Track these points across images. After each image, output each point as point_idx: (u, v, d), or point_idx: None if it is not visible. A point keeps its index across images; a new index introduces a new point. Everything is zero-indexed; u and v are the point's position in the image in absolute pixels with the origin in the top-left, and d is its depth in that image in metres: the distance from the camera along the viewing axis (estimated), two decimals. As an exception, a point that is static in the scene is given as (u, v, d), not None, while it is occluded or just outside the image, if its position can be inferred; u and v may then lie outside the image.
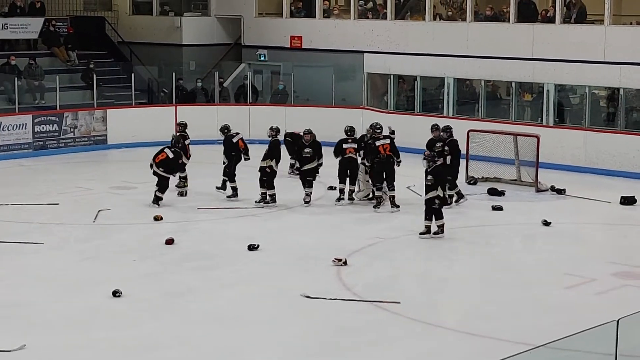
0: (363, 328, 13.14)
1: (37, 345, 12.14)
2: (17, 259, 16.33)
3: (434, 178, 17.72)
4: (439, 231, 17.87)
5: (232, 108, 29.41)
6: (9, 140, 26.12)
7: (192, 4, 33.59)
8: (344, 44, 29.81)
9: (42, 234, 17.84)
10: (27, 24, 30.73)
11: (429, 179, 17.75)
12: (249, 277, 15.49)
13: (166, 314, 13.58)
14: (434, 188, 17.70)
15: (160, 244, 17.18)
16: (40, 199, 20.73)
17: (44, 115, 27.04)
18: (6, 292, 14.42)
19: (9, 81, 27.61)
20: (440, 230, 17.87)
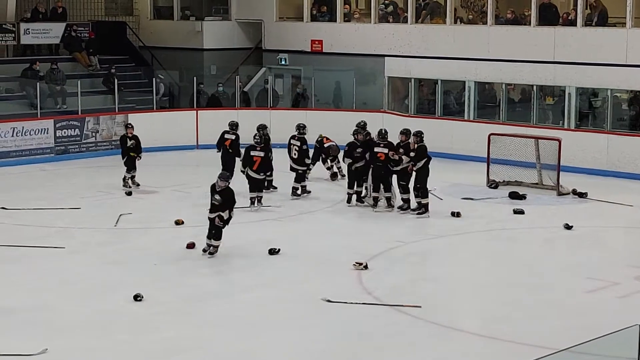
0: (383, 332, 13.12)
1: (59, 349, 12.18)
2: (38, 263, 16.39)
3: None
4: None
5: (252, 112, 29.43)
6: (31, 144, 26.24)
7: (213, 8, 33.65)
8: (365, 47, 29.80)
9: (63, 238, 17.90)
10: (49, 29, 30.88)
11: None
12: (270, 281, 15.49)
13: (186, 318, 13.60)
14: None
15: (181, 248, 17.21)
16: (61, 203, 20.82)
17: (65, 120, 27.15)
18: (28, 296, 14.47)
19: (31, 86, 27.73)
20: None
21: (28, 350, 12.03)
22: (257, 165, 20.59)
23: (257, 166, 20.60)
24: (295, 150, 21.69)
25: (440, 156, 26.08)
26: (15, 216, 19.69)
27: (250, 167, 20.60)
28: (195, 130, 28.81)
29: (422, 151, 19.97)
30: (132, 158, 22.24)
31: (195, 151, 28.50)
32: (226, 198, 16.28)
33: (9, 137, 25.89)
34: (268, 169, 21.12)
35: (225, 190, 16.31)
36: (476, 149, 25.08)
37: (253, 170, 20.57)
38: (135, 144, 22.21)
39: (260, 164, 20.63)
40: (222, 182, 16.40)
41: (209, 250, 16.48)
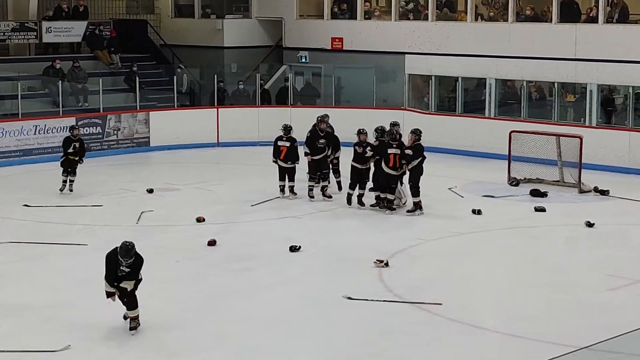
0: (404, 329, 13.13)
1: (81, 346, 12.24)
2: (61, 260, 16.48)
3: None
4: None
5: (273, 110, 29.49)
6: (53, 142, 26.32)
7: (233, 6, 33.69)
8: (385, 45, 29.79)
9: (85, 236, 17.99)
10: (71, 28, 31.00)
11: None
12: (291, 278, 15.53)
13: (208, 315, 13.65)
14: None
15: (202, 245, 17.27)
16: (83, 201, 20.92)
17: (87, 117, 27.26)
18: (51, 293, 14.56)
19: (53, 84, 27.87)
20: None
21: (51, 346, 12.11)
22: (283, 155, 21.13)
23: (283, 155, 21.13)
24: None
25: (461, 154, 26.09)
26: (38, 213, 19.80)
27: (279, 157, 21.17)
28: (215, 128, 28.88)
29: (419, 150, 19.92)
30: (72, 161, 21.69)
31: (216, 149, 28.57)
32: (133, 269, 12.88)
33: (32, 134, 26.04)
34: (295, 158, 21.23)
35: (134, 260, 12.85)
36: (497, 147, 25.02)
37: (281, 159, 21.14)
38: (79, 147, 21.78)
39: (287, 154, 21.11)
40: (126, 258, 12.76)
41: (130, 325, 13.01)
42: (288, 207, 20.63)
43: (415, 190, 19.84)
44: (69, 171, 21.56)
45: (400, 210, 20.07)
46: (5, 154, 25.52)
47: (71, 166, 21.56)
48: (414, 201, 19.86)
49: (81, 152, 21.65)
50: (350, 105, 29.50)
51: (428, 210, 19.95)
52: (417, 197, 19.85)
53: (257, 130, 28.81)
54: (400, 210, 20.07)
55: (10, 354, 11.99)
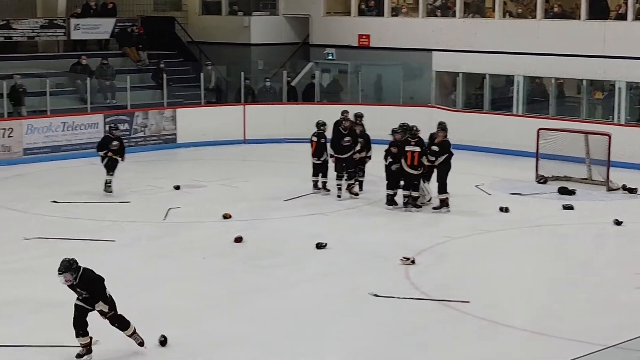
0: (431, 327, 13.11)
1: (109, 341, 12.28)
2: (89, 257, 16.38)
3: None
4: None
5: (299, 107, 29.51)
6: (81, 139, 26.50)
7: (260, 3, 33.74)
8: (412, 42, 29.72)
9: (113, 232, 18.07)
10: (99, 25, 31.15)
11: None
12: (317, 275, 15.53)
13: (234, 312, 13.67)
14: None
15: (229, 242, 17.29)
16: (111, 197, 21.00)
17: (115, 114, 27.38)
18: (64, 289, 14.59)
19: (81, 81, 27.99)
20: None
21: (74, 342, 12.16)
22: (313, 150, 21.32)
23: (313, 151, 21.32)
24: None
25: (488, 151, 25.99)
26: (66, 210, 19.90)
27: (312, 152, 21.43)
28: (242, 125, 28.92)
29: (446, 146, 19.86)
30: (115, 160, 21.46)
31: (242, 146, 28.60)
32: (90, 289, 11.69)
33: (60, 131, 26.17)
34: (321, 155, 21.29)
35: (82, 280, 11.58)
36: (525, 144, 24.91)
37: (312, 155, 21.31)
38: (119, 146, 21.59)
39: (316, 149, 21.28)
40: (65, 277, 11.55)
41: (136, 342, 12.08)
42: (315, 204, 20.63)
43: (442, 187, 19.78)
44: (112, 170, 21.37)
45: (426, 207, 20.01)
46: (34, 150, 25.66)
47: (114, 166, 21.41)
48: (441, 198, 19.81)
49: (121, 151, 21.49)
50: (377, 102, 29.47)
51: (455, 207, 19.89)
52: (444, 194, 19.80)
53: (283, 127, 28.83)
54: (426, 207, 20.01)
55: (38, 348, 12.05)
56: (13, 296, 14.21)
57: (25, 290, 14.55)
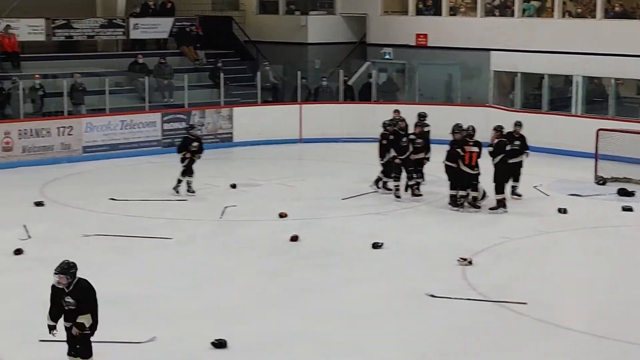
0: (488, 329, 13.01)
1: (166, 338, 12.37)
2: (147, 254, 16.67)
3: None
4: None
5: (356, 106, 29.48)
6: (139, 137, 26.73)
7: (317, 2, 33.76)
8: (470, 41, 29.56)
9: (170, 230, 18.17)
10: (157, 24, 31.39)
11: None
12: (373, 275, 15.49)
13: (291, 310, 13.68)
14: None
15: (285, 240, 17.31)
16: (168, 195, 21.12)
17: (172, 113, 27.56)
18: (137, 286, 14.73)
19: (139, 80, 28.22)
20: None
21: (137, 338, 12.26)
22: (378, 150, 21.37)
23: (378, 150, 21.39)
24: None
25: (547, 152, 25.74)
26: (124, 207, 20.06)
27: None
28: (298, 124, 28.96)
29: (500, 146, 19.69)
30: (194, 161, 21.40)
31: (299, 145, 28.64)
32: (81, 298, 10.75)
33: (118, 129, 26.41)
34: (382, 155, 21.20)
35: (76, 288, 10.77)
36: (583, 145, 24.64)
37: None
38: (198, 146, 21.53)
39: (380, 149, 21.26)
40: (60, 279, 10.81)
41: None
42: (372, 204, 20.59)
43: (499, 187, 19.64)
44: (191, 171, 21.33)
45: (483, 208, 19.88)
46: (93, 148, 25.92)
47: (192, 166, 21.35)
48: (497, 199, 19.67)
49: (200, 151, 21.42)
50: (434, 102, 29.33)
51: (513, 208, 19.74)
52: (501, 194, 19.66)
53: (340, 126, 28.82)
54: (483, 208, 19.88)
55: (97, 344, 12.14)
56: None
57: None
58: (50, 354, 11.76)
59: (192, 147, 21.25)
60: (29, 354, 11.81)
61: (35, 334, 12.27)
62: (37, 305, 13.36)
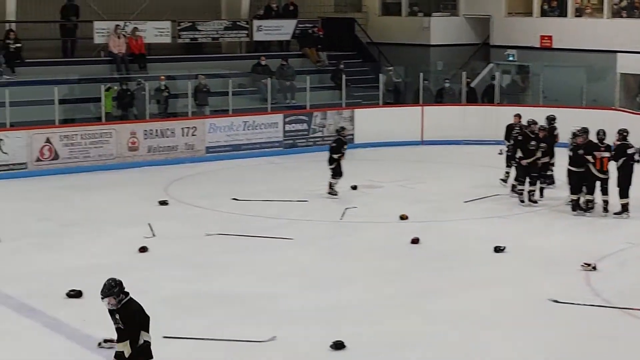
0: (611, 335, 12.72)
1: (286, 338, 12.45)
2: (268, 254, 16.80)
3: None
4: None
5: (478, 108, 29.20)
6: (261, 138, 26.99)
7: (441, 4, 33.59)
8: (596, 43, 28.99)
9: (291, 230, 18.27)
10: (280, 26, 31.65)
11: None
12: (495, 279, 15.30)
13: (411, 312, 13.62)
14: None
15: (405, 243, 17.25)
16: (290, 196, 21.26)
17: (294, 114, 27.75)
18: (257, 285, 14.87)
19: (262, 81, 28.49)
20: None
21: (258, 337, 12.37)
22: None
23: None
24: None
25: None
26: (246, 207, 20.27)
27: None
28: (420, 126, 28.82)
29: (621, 150, 19.25)
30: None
31: (420, 147, 28.51)
32: (126, 321, 9.88)
33: (241, 130, 26.71)
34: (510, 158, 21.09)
35: (124, 307, 9.85)
36: None
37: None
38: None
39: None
40: (108, 301, 9.83)
41: None
42: (495, 207, 20.36)
43: (624, 192, 19.22)
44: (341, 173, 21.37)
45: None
46: (216, 149, 26.27)
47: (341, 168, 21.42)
48: (622, 203, 19.25)
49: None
50: (559, 104, 28.84)
51: (637, 213, 19.28)
52: (625, 199, 19.24)
53: (462, 128, 28.58)
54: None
55: (218, 342, 12.31)
56: (194, 290, 14.55)
57: (206, 284, 14.88)
58: (173, 350, 11.95)
59: (344, 149, 21.36)
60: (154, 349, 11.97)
61: (159, 330, 12.49)
62: (161, 302, 13.66)
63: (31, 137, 23.68)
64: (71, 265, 15.82)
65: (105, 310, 9.73)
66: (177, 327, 12.67)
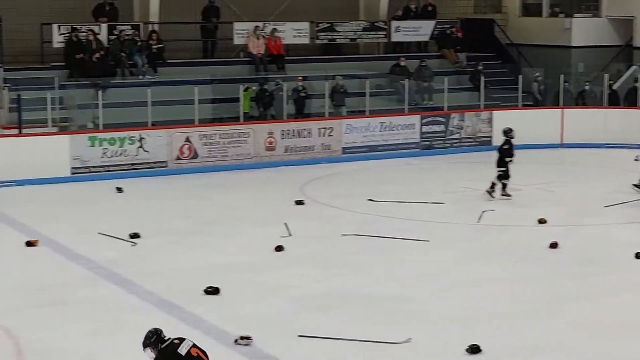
0: None
1: (421, 340, 12.34)
2: (403, 255, 16.72)
3: None
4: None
5: (620, 111, 28.48)
6: (397, 139, 26.91)
7: (582, 4, 32.89)
8: None
9: (427, 232, 18.14)
10: (419, 27, 31.52)
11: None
12: (636, 285, 14.88)
13: (548, 318, 13.34)
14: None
15: (543, 247, 16.93)
16: (426, 197, 21.11)
17: (431, 115, 27.58)
18: (392, 287, 14.80)
19: (400, 82, 28.41)
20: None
21: (392, 338, 12.30)
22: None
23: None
24: None
25: None
26: (381, 208, 20.22)
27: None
28: (559, 129, 28.27)
29: None
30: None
31: (560, 150, 27.97)
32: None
33: (377, 131, 26.68)
34: None
35: (160, 354, 9.13)
36: None
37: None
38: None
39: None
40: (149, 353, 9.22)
41: None
42: (636, 212, 19.82)
43: None
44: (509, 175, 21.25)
45: None
46: (352, 150, 26.31)
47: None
48: None
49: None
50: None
51: None
52: None
53: (603, 131, 27.91)
54: None
55: (352, 343, 12.29)
56: (328, 290, 14.57)
57: (341, 284, 14.89)
58: (307, 349, 12.00)
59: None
60: (289, 348, 12.07)
61: (293, 330, 12.57)
62: (296, 301, 13.75)
63: (171, 136, 24.16)
64: (209, 263, 16.06)
65: (242, 307, 9.81)
66: (312, 327, 12.71)
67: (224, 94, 26.66)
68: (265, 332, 12.55)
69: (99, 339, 9.63)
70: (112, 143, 23.52)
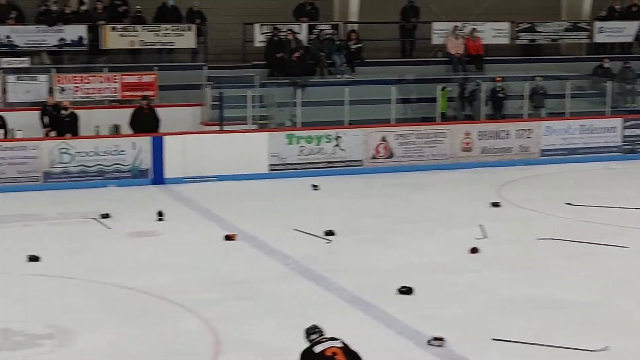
0: None
1: (619, 349, 11.98)
2: (602, 261, 16.29)
3: None
4: None
5: None
6: (598, 142, 26.24)
7: None
8: None
9: (627, 238, 17.59)
10: (622, 28, 30.65)
11: None
12: None
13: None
14: None
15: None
16: (627, 203, 20.49)
17: (634, 119, 26.75)
18: (590, 293, 14.43)
19: (603, 84, 27.70)
20: None
21: (588, 345, 11.99)
22: None
23: None
24: None
25: None
26: (581, 212, 19.75)
27: None
28: None
29: None
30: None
31: None
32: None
33: (577, 133, 26.09)
34: None
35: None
36: None
37: None
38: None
39: None
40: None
41: None
42: None
43: None
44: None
45: None
46: (550, 152, 25.82)
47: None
48: None
49: None
50: None
51: None
52: None
53: None
54: None
55: (545, 348, 12.05)
56: (523, 294, 14.34)
57: (536, 289, 14.62)
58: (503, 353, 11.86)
59: None
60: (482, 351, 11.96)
61: (487, 333, 12.43)
62: (489, 304, 13.61)
63: (367, 135, 24.33)
64: (403, 262, 16.09)
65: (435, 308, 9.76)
66: (505, 330, 12.54)
67: (420, 94, 26.67)
68: (459, 334, 12.46)
69: (294, 333, 9.79)
70: (309, 141, 23.89)
